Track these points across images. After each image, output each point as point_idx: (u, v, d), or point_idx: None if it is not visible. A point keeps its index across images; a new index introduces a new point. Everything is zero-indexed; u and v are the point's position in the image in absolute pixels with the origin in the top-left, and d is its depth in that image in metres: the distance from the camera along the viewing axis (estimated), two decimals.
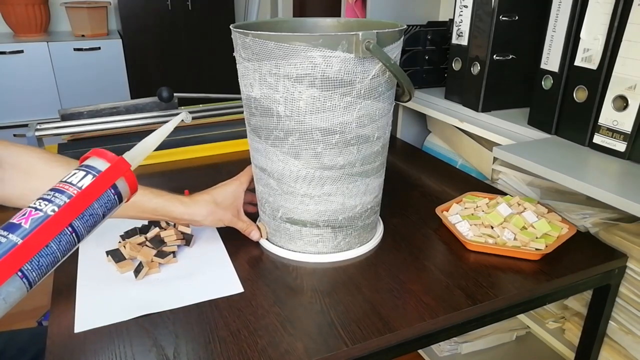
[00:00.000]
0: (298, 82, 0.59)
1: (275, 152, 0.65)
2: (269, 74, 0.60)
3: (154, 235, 0.74)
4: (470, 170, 1.08)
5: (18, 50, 2.23)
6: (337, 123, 0.62)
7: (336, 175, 0.66)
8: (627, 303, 0.73)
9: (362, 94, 0.61)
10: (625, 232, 0.74)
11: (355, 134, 0.63)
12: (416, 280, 0.66)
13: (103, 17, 2.49)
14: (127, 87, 2.49)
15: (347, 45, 0.57)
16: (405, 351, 0.60)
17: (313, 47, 0.57)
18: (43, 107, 2.33)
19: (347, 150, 0.64)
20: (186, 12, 2.51)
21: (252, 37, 0.59)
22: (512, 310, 0.67)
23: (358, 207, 0.69)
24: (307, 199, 0.67)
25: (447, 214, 0.81)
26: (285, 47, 0.57)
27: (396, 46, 0.64)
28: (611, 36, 0.72)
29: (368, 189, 0.69)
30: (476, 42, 0.95)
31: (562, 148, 0.80)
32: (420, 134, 1.31)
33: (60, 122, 1.11)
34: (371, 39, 0.57)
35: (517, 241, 0.72)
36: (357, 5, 1.38)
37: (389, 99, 0.67)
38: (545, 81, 0.85)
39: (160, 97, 1.18)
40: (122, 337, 0.56)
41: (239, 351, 0.54)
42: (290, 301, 0.62)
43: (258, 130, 0.66)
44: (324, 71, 0.58)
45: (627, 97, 0.71)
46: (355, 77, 0.60)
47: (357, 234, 0.72)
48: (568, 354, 0.82)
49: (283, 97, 0.61)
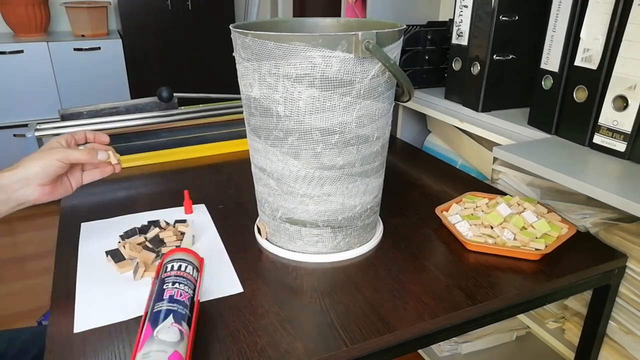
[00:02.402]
0: (297, 82, 0.59)
1: (275, 152, 0.65)
2: (268, 74, 0.60)
3: (153, 236, 0.74)
4: (470, 170, 1.08)
5: (18, 50, 2.23)
6: (336, 123, 0.62)
7: (336, 176, 0.66)
8: (627, 303, 0.73)
9: (361, 94, 0.61)
10: (625, 232, 0.74)
11: (354, 134, 0.63)
12: (416, 280, 0.66)
13: (103, 17, 2.49)
14: (127, 87, 2.49)
15: (347, 45, 0.57)
16: (405, 351, 0.60)
17: (312, 47, 0.57)
18: (43, 107, 2.33)
19: (346, 151, 0.64)
20: (186, 12, 2.51)
21: (252, 37, 0.59)
22: (512, 310, 0.67)
23: (358, 207, 0.69)
24: (306, 199, 0.67)
25: (447, 214, 0.80)
26: (285, 47, 0.57)
27: (396, 46, 0.63)
28: (611, 36, 0.72)
29: (368, 189, 0.69)
30: (476, 42, 0.95)
31: (562, 148, 0.80)
32: (420, 134, 1.31)
33: (60, 122, 1.11)
34: (371, 39, 0.57)
35: (517, 241, 0.72)
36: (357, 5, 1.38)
37: (389, 99, 0.67)
38: (545, 81, 0.85)
39: (160, 97, 1.18)
40: (122, 337, 0.56)
41: (238, 351, 0.54)
42: (289, 301, 0.62)
43: (258, 130, 0.66)
44: (324, 71, 0.58)
45: (627, 97, 0.71)
46: (355, 77, 0.60)
47: (357, 234, 0.72)
48: (568, 354, 0.82)
49: (282, 97, 0.61)
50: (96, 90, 2.42)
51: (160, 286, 0.56)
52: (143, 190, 0.79)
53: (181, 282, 0.56)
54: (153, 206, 0.85)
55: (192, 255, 0.62)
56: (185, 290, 0.56)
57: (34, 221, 2.20)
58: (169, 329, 0.50)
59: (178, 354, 0.48)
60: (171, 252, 0.62)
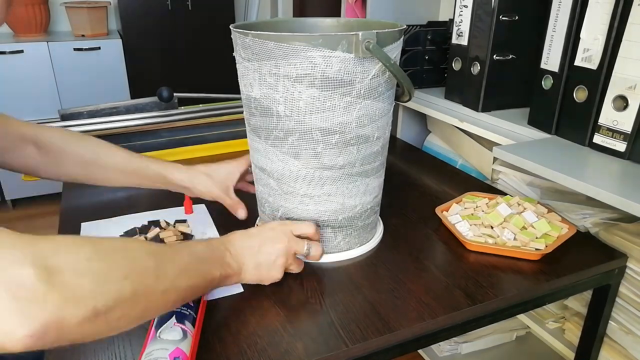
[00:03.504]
0: (298, 82, 0.59)
1: (275, 152, 0.65)
2: (268, 74, 0.60)
3: (153, 236, 0.74)
4: (470, 170, 1.08)
5: (18, 50, 2.23)
6: (336, 123, 0.62)
7: (336, 175, 0.66)
8: (627, 303, 0.73)
9: (361, 94, 0.61)
10: (625, 232, 0.74)
11: (355, 134, 0.63)
12: (416, 280, 0.66)
13: (103, 17, 2.49)
14: (127, 87, 2.49)
15: (347, 45, 0.57)
16: (405, 351, 0.60)
17: (313, 47, 0.57)
18: (43, 107, 2.33)
19: (346, 150, 0.64)
20: (186, 12, 2.51)
21: (252, 37, 0.59)
22: (512, 310, 0.67)
23: (358, 207, 0.69)
24: (306, 199, 0.67)
25: (447, 214, 0.80)
26: (285, 47, 0.57)
27: (396, 46, 0.63)
28: (611, 36, 0.72)
29: (368, 189, 0.69)
30: (476, 42, 0.95)
31: (562, 148, 0.80)
32: (420, 134, 1.31)
33: (60, 122, 1.11)
34: (371, 38, 0.57)
35: (517, 241, 0.72)
36: (357, 5, 1.38)
37: (389, 99, 0.67)
38: (545, 81, 0.85)
39: (160, 97, 1.18)
40: (122, 337, 0.56)
41: (238, 351, 0.54)
42: (290, 301, 0.62)
43: (258, 130, 0.66)
44: (324, 71, 0.58)
45: (627, 97, 0.71)
46: (355, 77, 0.60)
47: (357, 234, 0.72)
48: (568, 354, 0.82)
49: (283, 97, 0.61)
50: (96, 90, 2.41)
51: None
52: (143, 190, 0.79)
53: None
54: (153, 206, 0.85)
55: None
56: None
57: (34, 221, 2.20)
58: (171, 328, 0.50)
59: (180, 350, 0.48)
60: None
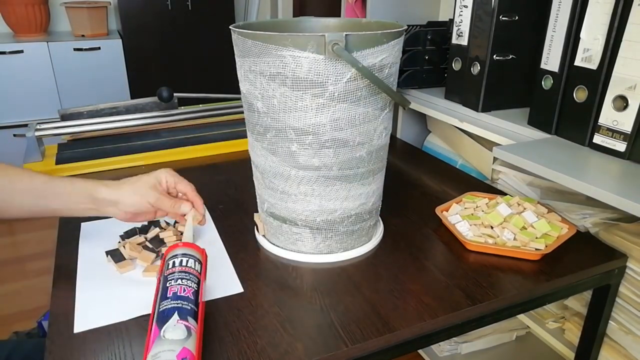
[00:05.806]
0: (271, 80, 0.60)
1: (258, 146, 0.68)
2: (249, 71, 0.62)
3: (153, 236, 0.74)
4: (470, 170, 1.08)
5: (18, 50, 2.23)
6: (309, 124, 0.62)
7: (312, 176, 0.65)
8: (627, 303, 0.73)
9: (335, 97, 0.60)
10: (625, 232, 0.74)
11: (330, 137, 0.63)
12: (416, 280, 0.66)
13: (103, 17, 2.49)
14: (127, 87, 2.49)
15: (316, 47, 0.57)
16: (405, 351, 0.60)
17: (283, 46, 0.57)
18: (43, 107, 2.33)
19: (322, 152, 0.64)
20: (186, 12, 2.51)
21: (237, 34, 0.62)
22: (512, 310, 0.67)
23: (338, 212, 0.69)
24: (285, 195, 0.68)
25: (447, 214, 0.81)
26: (260, 45, 0.59)
27: (381, 50, 0.60)
28: (611, 36, 0.72)
29: (350, 194, 0.68)
30: (476, 42, 0.95)
31: (562, 148, 0.80)
32: (420, 134, 1.31)
33: (60, 122, 1.11)
34: (339, 41, 0.56)
35: (517, 241, 0.72)
36: (357, 5, 1.38)
37: (375, 104, 0.64)
38: (545, 81, 0.85)
39: (160, 97, 1.18)
40: (122, 337, 0.56)
41: (238, 351, 0.54)
42: (290, 301, 0.62)
43: (247, 124, 0.69)
44: (294, 71, 0.59)
45: (627, 97, 0.71)
46: (327, 79, 0.59)
47: (340, 239, 0.71)
48: (568, 354, 0.82)
49: (260, 94, 0.62)
50: (96, 90, 2.42)
51: (164, 284, 0.56)
52: None
53: (184, 277, 0.56)
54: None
55: (193, 248, 0.62)
56: (189, 285, 0.55)
57: (34, 221, 2.20)
58: (175, 327, 0.50)
59: (187, 350, 0.48)
60: (172, 248, 0.61)
